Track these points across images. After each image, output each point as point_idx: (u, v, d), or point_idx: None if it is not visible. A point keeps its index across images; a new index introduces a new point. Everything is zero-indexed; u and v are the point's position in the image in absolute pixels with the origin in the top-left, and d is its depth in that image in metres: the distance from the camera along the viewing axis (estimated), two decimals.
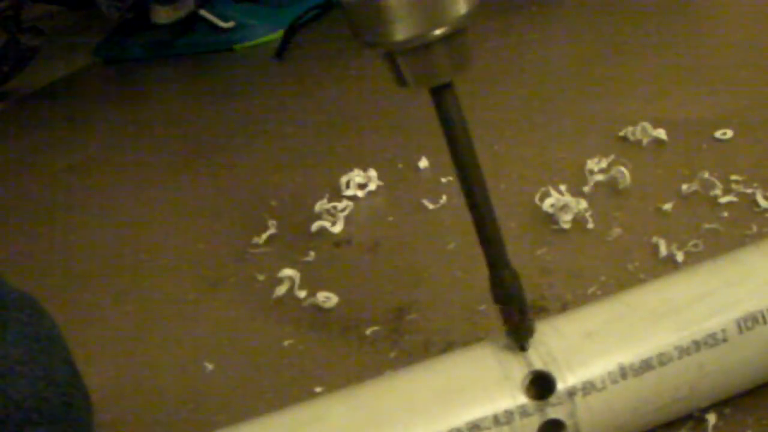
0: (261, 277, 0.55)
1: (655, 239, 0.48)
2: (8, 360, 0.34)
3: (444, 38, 0.29)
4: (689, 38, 0.78)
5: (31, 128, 1.07)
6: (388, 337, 0.46)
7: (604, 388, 0.32)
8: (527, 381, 0.32)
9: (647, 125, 0.59)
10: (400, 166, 0.66)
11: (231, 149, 0.81)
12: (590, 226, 0.51)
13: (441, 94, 0.31)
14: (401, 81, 0.31)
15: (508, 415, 0.31)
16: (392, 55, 0.30)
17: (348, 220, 0.59)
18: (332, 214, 0.59)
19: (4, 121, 1.14)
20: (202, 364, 0.47)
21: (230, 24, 1.17)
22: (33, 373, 0.35)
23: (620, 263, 0.47)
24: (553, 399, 0.32)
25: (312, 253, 0.56)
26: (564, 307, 0.44)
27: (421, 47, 0.29)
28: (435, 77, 0.30)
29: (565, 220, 0.51)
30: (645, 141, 0.59)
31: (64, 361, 0.37)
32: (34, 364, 0.35)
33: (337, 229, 0.58)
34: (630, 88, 0.69)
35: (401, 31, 0.28)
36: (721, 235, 0.47)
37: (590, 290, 0.45)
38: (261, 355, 0.47)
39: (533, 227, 0.53)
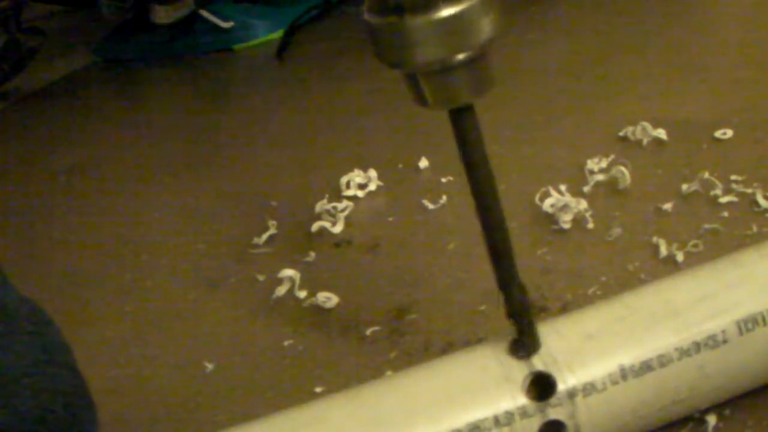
0: (261, 278, 0.55)
1: (655, 239, 0.48)
2: (14, 371, 0.34)
3: (467, 62, 0.29)
4: (689, 38, 0.78)
5: (31, 128, 1.07)
6: (388, 337, 0.46)
7: (604, 389, 0.32)
8: (528, 382, 0.32)
9: (647, 125, 0.59)
10: (400, 166, 0.66)
11: (231, 149, 0.81)
12: (590, 226, 0.51)
13: (460, 115, 0.31)
14: (421, 100, 0.31)
15: (509, 416, 0.31)
16: (414, 76, 0.30)
17: (348, 220, 0.59)
18: (332, 215, 0.59)
19: (4, 121, 1.13)
20: (202, 364, 0.47)
21: (230, 24, 1.17)
22: (38, 384, 0.34)
23: (620, 263, 0.47)
24: (553, 400, 0.32)
25: (312, 254, 0.56)
26: (564, 307, 0.44)
27: (444, 70, 0.29)
28: (455, 99, 0.30)
29: (565, 220, 0.51)
30: (645, 141, 0.59)
31: (69, 368, 0.37)
32: (39, 376, 0.35)
33: (338, 229, 0.58)
34: (630, 88, 0.69)
35: (424, 54, 0.28)
36: (721, 235, 0.47)
37: (590, 290, 0.45)
38: (261, 355, 0.47)
39: (533, 227, 0.53)
